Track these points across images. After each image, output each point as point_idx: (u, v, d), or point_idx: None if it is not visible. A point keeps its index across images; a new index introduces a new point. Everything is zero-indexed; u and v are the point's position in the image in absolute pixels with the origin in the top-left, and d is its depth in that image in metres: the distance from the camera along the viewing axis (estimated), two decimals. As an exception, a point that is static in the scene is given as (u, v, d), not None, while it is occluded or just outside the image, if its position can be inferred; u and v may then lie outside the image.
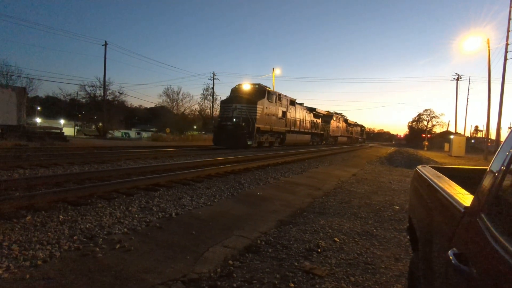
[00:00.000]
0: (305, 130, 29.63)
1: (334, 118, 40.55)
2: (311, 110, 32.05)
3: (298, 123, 27.31)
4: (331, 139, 39.61)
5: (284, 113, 24.27)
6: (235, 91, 21.75)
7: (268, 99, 21.50)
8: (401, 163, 18.43)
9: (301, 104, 29.06)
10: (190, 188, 6.36)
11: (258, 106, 20.04)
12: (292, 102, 26.09)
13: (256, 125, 19.78)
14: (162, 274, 2.87)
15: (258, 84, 21.86)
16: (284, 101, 24.28)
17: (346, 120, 48.69)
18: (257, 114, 19.96)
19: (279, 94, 23.60)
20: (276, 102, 22.79)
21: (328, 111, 39.05)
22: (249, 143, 19.59)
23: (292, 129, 25.96)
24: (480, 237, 1.13)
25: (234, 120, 19.65)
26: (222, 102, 21.38)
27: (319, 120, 34.16)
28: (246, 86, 21.57)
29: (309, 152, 18.77)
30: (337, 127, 42.47)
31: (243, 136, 19.26)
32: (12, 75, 40.67)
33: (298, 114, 27.51)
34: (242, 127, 19.28)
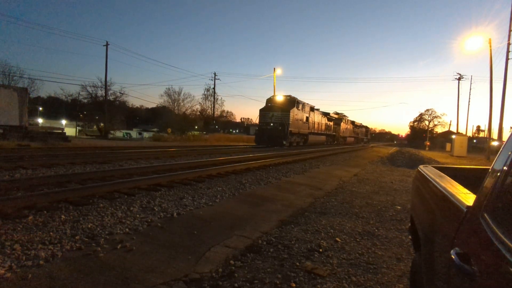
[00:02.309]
0: (322, 132, 34.48)
1: (344, 121, 45.43)
2: (325, 114, 36.42)
3: (316, 126, 32.28)
4: (341, 140, 44.09)
5: (307, 118, 29.10)
6: (271, 101, 26.67)
7: (296, 107, 26.29)
8: (402, 163, 18.36)
9: (318, 110, 33.46)
10: (191, 188, 6.36)
11: (290, 113, 24.94)
12: (312, 108, 30.71)
13: (289, 129, 24.59)
14: (164, 274, 2.87)
15: (289, 96, 26.80)
16: (307, 108, 29.12)
17: (353, 122, 53.74)
18: (290, 120, 24.81)
19: (304, 103, 28.25)
20: (302, 109, 27.73)
21: (338, 114, 43.41)
22: (284, 142, 24.12)
23: (312, 131, 30.86)
24: (482, 236, 1.13)
25: (272, 124, 24.72)
26: (261, 110, 26.26)
27: (331, 123, 38.76)
28: (279, 97, 26.75)
29: (310, 152, 18.83)
30: (346, 128, 47.26)
31: (279, 137, 24.08)
32: (14, 76, 41.05)
33: (316, 118, 32.35)
34: (278, 130, 24.24)
